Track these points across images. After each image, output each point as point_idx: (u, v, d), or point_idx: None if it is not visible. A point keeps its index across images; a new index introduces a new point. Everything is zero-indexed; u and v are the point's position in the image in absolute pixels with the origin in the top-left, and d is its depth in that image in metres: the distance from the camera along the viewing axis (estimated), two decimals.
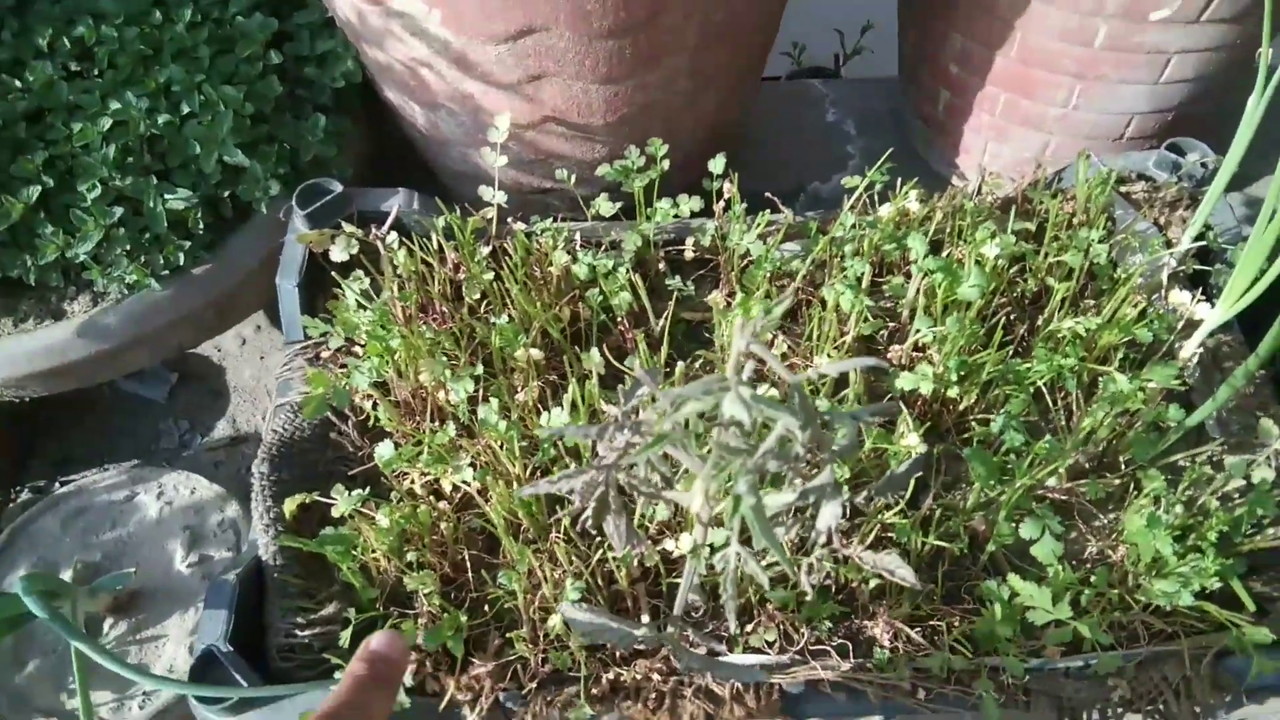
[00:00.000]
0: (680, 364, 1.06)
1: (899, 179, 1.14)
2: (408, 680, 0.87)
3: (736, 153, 1.15)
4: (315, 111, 1.35)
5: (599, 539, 0.97)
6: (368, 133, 1.49)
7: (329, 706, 0.56)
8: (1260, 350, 0.88)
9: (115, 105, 1.23)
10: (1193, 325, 1.05)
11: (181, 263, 1.26)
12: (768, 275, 1.11)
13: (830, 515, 0.53)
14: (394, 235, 1.11)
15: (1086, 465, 1.01)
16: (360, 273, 1.09)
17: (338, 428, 1.07)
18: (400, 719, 0.89)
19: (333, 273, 1.08)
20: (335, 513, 0.95)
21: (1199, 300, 1.03)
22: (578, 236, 1.18)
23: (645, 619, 0.94)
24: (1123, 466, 1.01)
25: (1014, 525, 0.89)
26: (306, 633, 0.94)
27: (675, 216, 1.14)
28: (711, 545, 0.86)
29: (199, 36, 1.29)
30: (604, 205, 1.14)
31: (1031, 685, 0.88)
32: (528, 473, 1.00)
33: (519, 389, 1.04)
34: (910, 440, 0.91)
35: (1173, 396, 1.06)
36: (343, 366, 1.07)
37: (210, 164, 1.24)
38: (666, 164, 1.12)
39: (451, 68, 1.18)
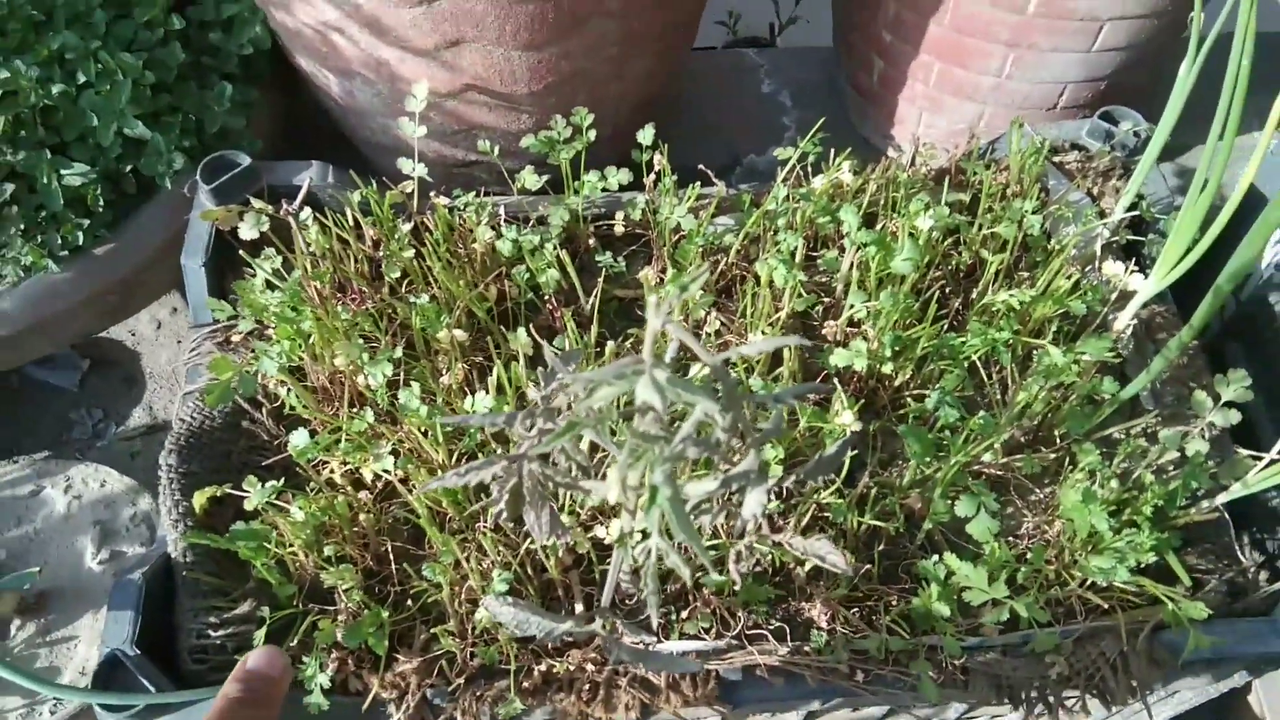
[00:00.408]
0: (611, 343, 1.02)
1: (833, 150, 1.12)
2: (325, 681, 0.82)
3: (669, 125, 1.11)
4: (221, 80, 1.28)
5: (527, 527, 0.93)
6: (280, 103, 1.42)
7: None
8: (1194, 321, 0.87)
9: (4, 74, 1.14)
10: (1126, 296, 1.05)
11: (81, 243, 1.19)
12: (701, 250, 1.08)
13: (755, 503, 0.50)
14: (307, 211, 1.05)
15: (1022, 440, 1.00)
16: (272, 251, 1.03)
17: (251, 416, 1.01)
18: None
19: (242, 251, 1.02)
20: (248, 506, 0.90)
21: (1132, 271, 1.02)
22: (502, 211, 1.13)
23: (579, 608, 0.91)
24: (1058, 440, 1.00)
25: (950, 502, 0.87)
26: (220, 633, 0.89)
27: (604, 190, 1.10)
28: (644, 532, 0.84)
29: (94, 0, 1.21)
30: (530, 178, 1.09)
31: (969, 664, 0.87)
32: (453, 460, 0.96)
33: (442, 372, 1.00)
34: (845, 418, 0.89)
35: (1106, 369, 1.05)
36: (254, 351, 1.01)
37: (109, 136, 1.16)
38: (593, 134, 1.07)
39: (364, 32, 1.12)
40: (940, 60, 1.42)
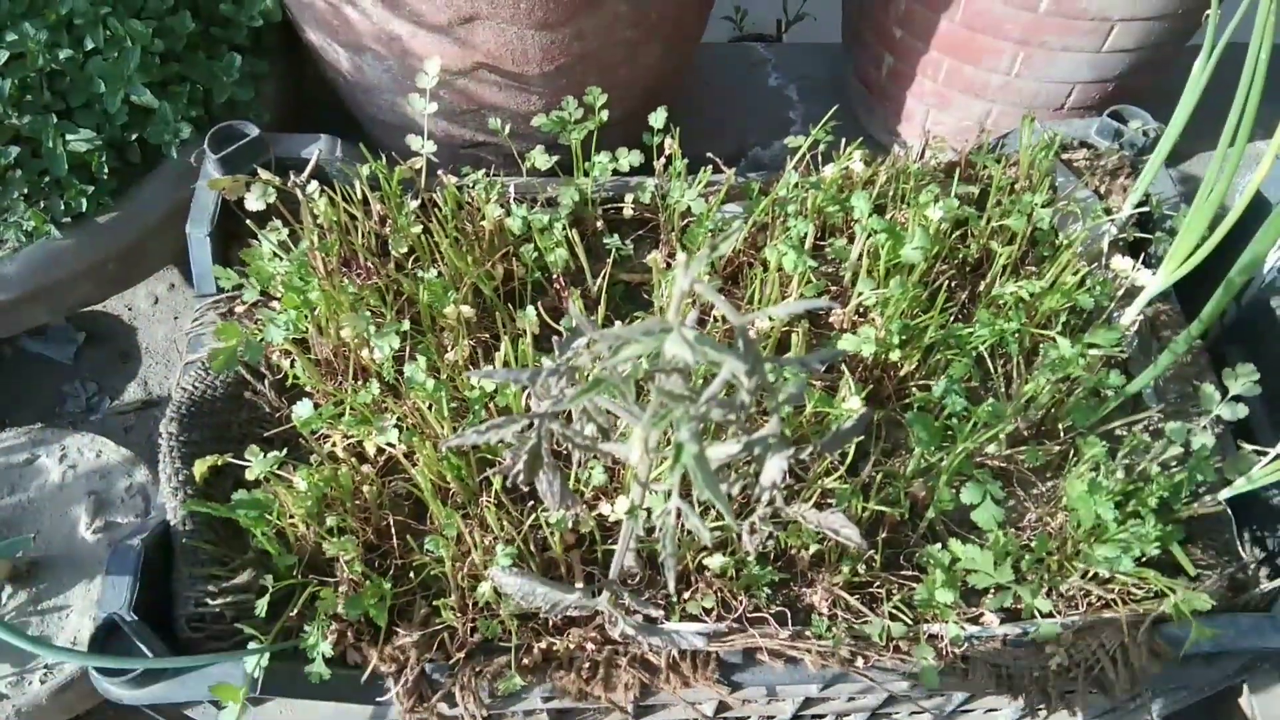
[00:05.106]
0: (618, 325, 1.02)
1: (844, 140, 1.12)
2: (327, 649, 0.82)
3: (677, 116, 1.11)
4: (231, 51, 1.27)
5: (531, 503, 0.93)
6: (288, 78, 1.41)
7: None
8: (1203, 315, 0.87)
9: (12, 37, 1.13)
10: (1131, 294, 1.05)
11: (84, 209, 1.18)
12: (709, 235, 1.08)
13: (776, 469, 0.49)
14: (314, 184, 1.04)
15: (1026, 433, 1.00)
16: (278, 223, 1.02)
17: (253, 386, 1.00)
18: (321, 692, 0.84)
19: (248, 222, 1.01)
20: (250, 475, 0.89)
21: (1138, 268, 1.02)
22: (512, 190, 1.12)
23: (579, 587, 0.90)
24: (1061, 435, 1.00)
25: (954, 491, 0.87)
26: (218, 601, 0.88)
27: (614, 171, 1.10)
28: (648, 510, 0.83)
29: None
30: (540, 158, 1.09)
31: (970, 653, 0.87)
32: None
33: (448, 348, 0.99)
34: (852, 403, 0.89)
35: (1111, 365, 1.05)
36: (258, 321, 1.00)
37: (115, 103, 1.16)
38: (605, 115, 1.07)
39: (377, 5, 1.11)
40: (950, 57, 1.42)
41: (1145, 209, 1.11)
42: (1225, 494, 0.90)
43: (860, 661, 0.86)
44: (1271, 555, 0.95)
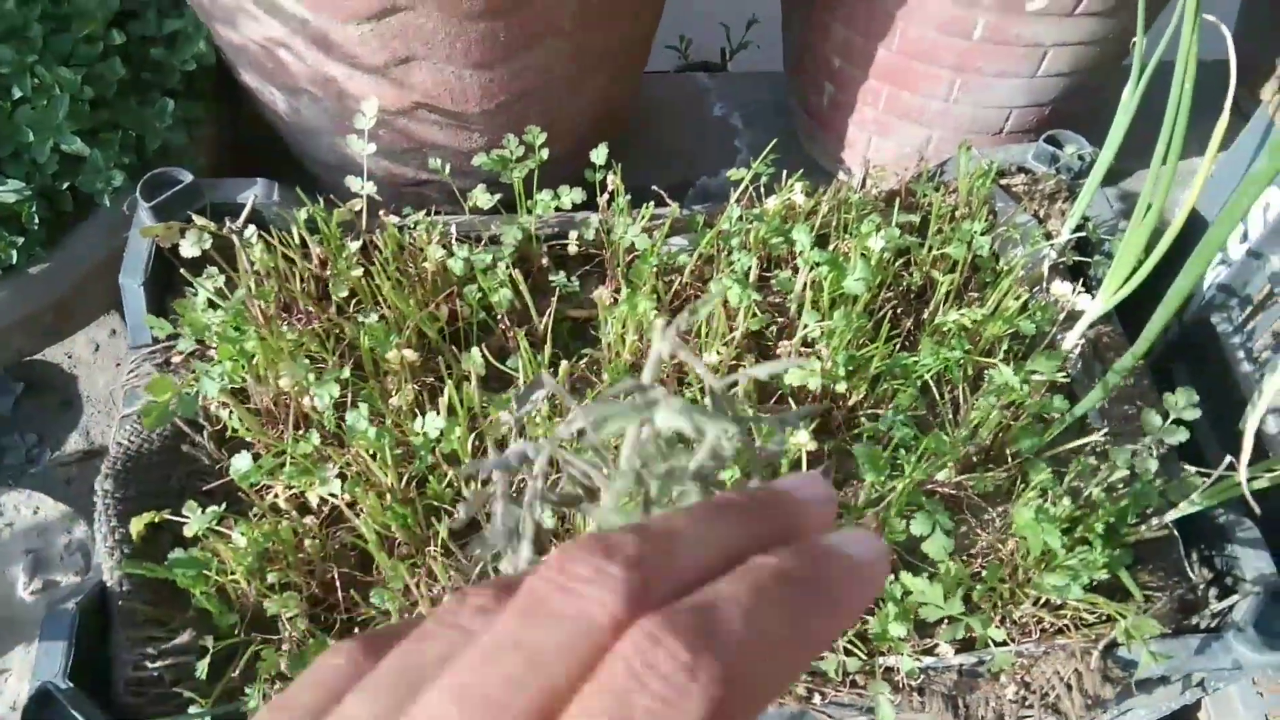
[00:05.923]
0: (565, 363, 1.01)
1: (785, 172, 1.12)
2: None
3: (622, 146, 1.11)
4: (163, 96, 1.25)
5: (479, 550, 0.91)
6: (224, 121, 1.39)
7: None
8: (1142, 338, 0.88)
9: None
10: (1074, 317, 1.06)
11: (15, 261, 1.15)
12: (654, 270, 1.07)
13: None
14: (252, 229, 1.02)
15: (974, 459, 1.01)
16: (214, 270, 1.00)
17: (191, 439, 0.98)
18: None
19: (183, 270, 0.99)
20: (187, 532, 0.86)
21: (1079, 292, 1.04)
22: (454, 230, 1.11)
23: None
24: (1009, 459, 1.00)
25: (905, 521, 0.87)
26: (157, 664, 0.86)
27: (557, 209, 1.09)
28: None
29: (30, 13, 1.17)
30: (481, 197, 1.08)
31: (925, 685, 0.86)
32: (403, 483, 0.93)
33: (392, 393, 0.97)
34: (801, 437, 0.88)
35: (1056, 388, 1.06)
36: (194, 372, 0.98)
37: (45, 153, 1.13)
38: (546, 153, 1.06)
39: (311, 48, 1.10)
40: (889, 84, 1.43)
41: (1083, 234, 1.12)
42: (1171, 516, 0.91)
43: (817, 698, 0.86)
44: (1220, 575, 0.95)
